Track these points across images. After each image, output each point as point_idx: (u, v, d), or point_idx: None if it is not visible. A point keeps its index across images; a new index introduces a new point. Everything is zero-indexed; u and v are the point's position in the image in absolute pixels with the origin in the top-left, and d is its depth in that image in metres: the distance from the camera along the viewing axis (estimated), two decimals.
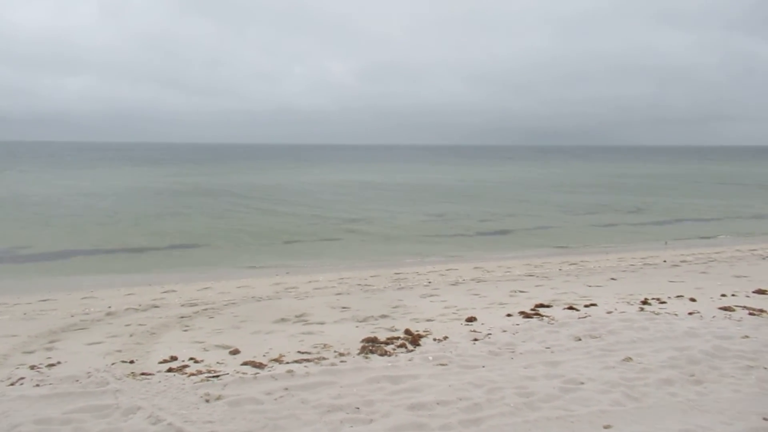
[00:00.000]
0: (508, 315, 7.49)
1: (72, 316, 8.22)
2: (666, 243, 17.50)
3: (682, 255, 14.08)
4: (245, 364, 5.63)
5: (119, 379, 5.17)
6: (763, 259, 12.97)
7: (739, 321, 6.89)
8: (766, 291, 8.68)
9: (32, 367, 5.64)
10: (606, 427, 4.18)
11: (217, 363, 5.72)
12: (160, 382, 5.09)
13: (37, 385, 5.06)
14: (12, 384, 5.13)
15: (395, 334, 6.64)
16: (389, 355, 5.79)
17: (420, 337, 6.45)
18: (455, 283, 10.47)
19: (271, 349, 6.19)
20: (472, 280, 10.87)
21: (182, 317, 7.93)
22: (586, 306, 7.89)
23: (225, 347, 6.30)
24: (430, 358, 5.66)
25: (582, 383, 4.94)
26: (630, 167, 76.04)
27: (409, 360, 5.62)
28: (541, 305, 8.01)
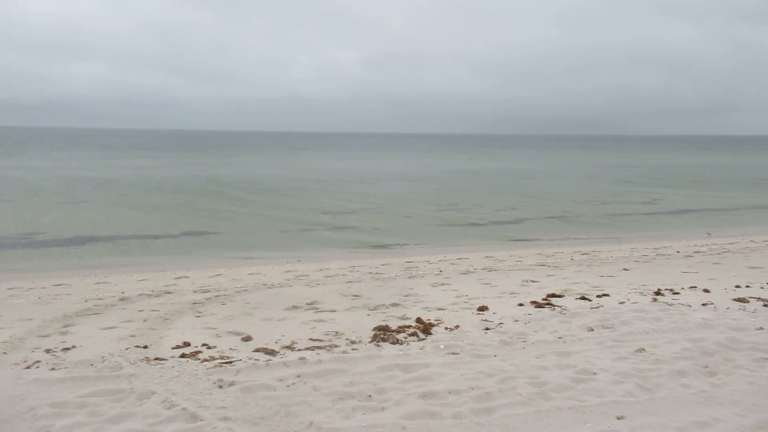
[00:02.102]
0: (520, 304, 7.47)
1: (86, 301, 8.30)
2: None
3: (696, 245, 13.96)
4: (257, 350, 5.67)
5: (133, 364, 5.22)
6: None
7: (753, 312, 6.83)
8: None
9: (47, 351, 5.71)
10: (619, 417, 4.17)
11: (230, 349, 5.76)
12: (173, 367, 5.13)
13: (53, 369, 5.13)
14: (28, 367, 5.20)
15: (406, 323, 6.65)
16: (401, 344, 5.80)
17: (431, 325, 6.46)
18: (466, 272, 10.44)
19: (283, 336, 6.22)
20: (484, 269, 10.84)
21: (195, 303, 7.98)
22: (598, 296, 7.85)
23: (237, 334, 6.34)
24: (442, 346, 5.66)
25: (594, 374, 4.92)
26: (640, 158, 75.24)
27: (421, 348, 5.62)
28: (553, 295, 7.98)
